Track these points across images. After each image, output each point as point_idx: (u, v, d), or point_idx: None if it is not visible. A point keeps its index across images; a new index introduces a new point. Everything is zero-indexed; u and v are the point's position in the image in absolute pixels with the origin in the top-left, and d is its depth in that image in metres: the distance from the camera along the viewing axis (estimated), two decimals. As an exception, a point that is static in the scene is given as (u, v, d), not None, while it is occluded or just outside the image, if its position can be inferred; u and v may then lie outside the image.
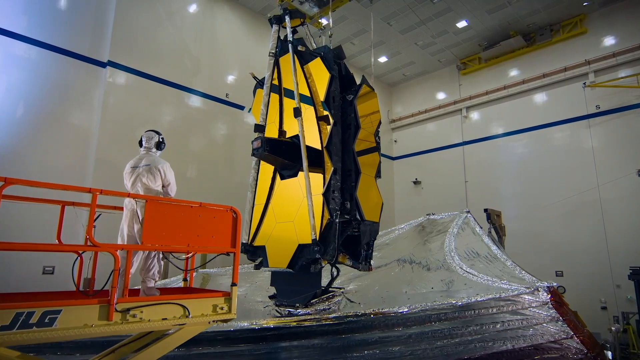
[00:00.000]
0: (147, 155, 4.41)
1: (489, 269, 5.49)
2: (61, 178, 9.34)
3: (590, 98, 13.64)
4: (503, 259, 5.74)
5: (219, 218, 3.27)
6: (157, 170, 4.25)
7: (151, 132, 4.66)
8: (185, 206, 3.25)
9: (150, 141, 4.56)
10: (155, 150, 4.56)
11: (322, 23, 10.12)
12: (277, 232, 6.43)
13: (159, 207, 3.22)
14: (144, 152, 4.48)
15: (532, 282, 4.48)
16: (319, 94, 6.25)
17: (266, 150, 6.05)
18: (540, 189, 14.56)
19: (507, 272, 5.14)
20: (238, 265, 3.40)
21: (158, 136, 4.64)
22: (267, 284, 7.45)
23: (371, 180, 6.45)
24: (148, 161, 4.30)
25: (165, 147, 4.72)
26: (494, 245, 6.59)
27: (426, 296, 4.77)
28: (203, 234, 3.20)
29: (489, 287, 4.49)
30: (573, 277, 13.19)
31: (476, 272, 5.22)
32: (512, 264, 5.38)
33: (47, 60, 9.40)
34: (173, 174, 4.45)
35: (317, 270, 5.80)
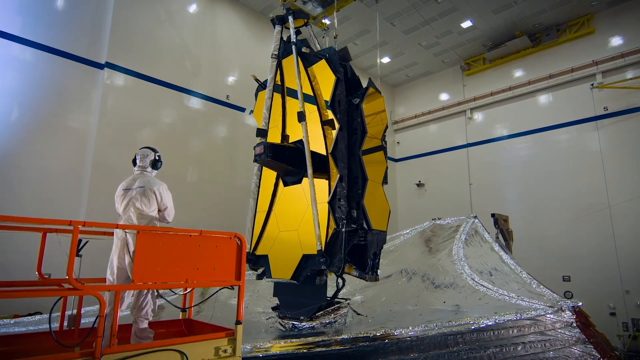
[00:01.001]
0: (141, 176, 4.04)
1: (504, 281, 5.23)
2: (58, 183, 9.12)
3: (598, 99, 13.38)
4: (517, 271, 5.48)
5: (222, 247, 2.95)
6: (152, 193, 3.89)
7: (146, 149, 4.24)
8: (183, 235, 2.94)
9: (145, 159, 4.15)
10: (150, 169, 4.17)
11: (326, 23, 9.86)
12: (281, 241, 6.17)
13: (153, 239, 2.87)
14: (137, 172, 4.10)
15: (554, 300, 4.23)
16: (324, 97, 5.99)
17: (269, 157, 5.79)
18: (546, 192, 14.30)
19: (524, 285, 4.89)
20: (243, 299, 3.08)
21: (154, 154, 4.23)
22: (269, 293, 7.20)
23: (378, 187, 6.20)
24: (142, 182, 3.94)
25: (161, 165, 4.30)
26: (505, 254, 6.33)
27: (439, 313, 4.51)
28: (204, 266, 2.86)
29: (506, 303, 4.23)
30: (581, 282, 12.95)
31: (490, 284, 4.97)
32: (528, 276, 5.13)
33: (43, 62, 9.16)
34: (170, 197, 4.08)
35: (322, 282, 5.54)
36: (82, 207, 9.24)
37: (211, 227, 11.03)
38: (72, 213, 9.16)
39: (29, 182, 8.76)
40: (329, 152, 5.81)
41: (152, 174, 4.19)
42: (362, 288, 6.94)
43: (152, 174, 4.20)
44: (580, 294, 12.73)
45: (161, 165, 4.31)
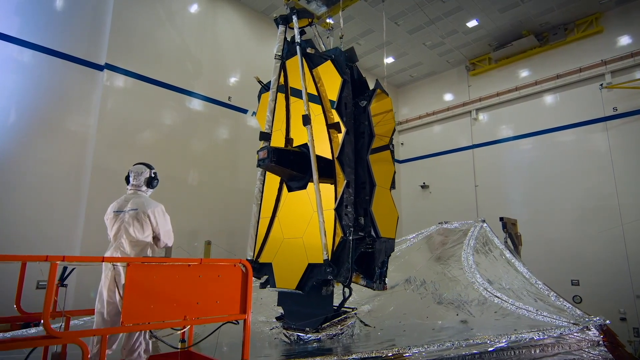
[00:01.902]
0: (134, 196, 3.66)
1: (519, 292, 4.99)
2: (57, 187, 8.93)
3: (607, 100, 13.10)
4: (533, 281, 5.24)
5: (225, 276, 2.67)
6: (145, 217, 3.50)
7: (140, 165, 3.85)
8: (181, 266, 2.62)
9: (139, 177, 3.75)
10: (145, 188, 3.79)
11: (330, 23, 9.64)
12: (285, 249, 5.95)
13: (145, 272, 2.53)
14: (130, 192, 3.75)
15: (578, 316, 3.98)
16: (330, 100, 5.77)
17: (273, 161, 5.56)
18: (553, 194, 14.03)
19: (541, 297, 4.65)
20: (249, 336, 2.81)
21: (149, 171, 3.84)
22: (272, 301, 7.00)
23: (385, 193, 5.98)
24: (135, 204, 3.55)
25: (158, 184, 3.91)
26: (518, 262, 6.09)
27: (452, 329, 4.28)
28: (204, 299, 2.54)
29: (525, 318, 3.99)
30: (590, 287, 12.69)
31: (505, 296, 4.73)
32: (544, 287, 4.89)
33: (41, 64, 8.97)
34: (168, 220, 3.71)
35: (328, 292, 5.32)
36: (81, 211, 9.05)
37: (212, 232, 10.86)
38: (71, 217, 8.97)
39: (27, 186, 8.57)
40: (335, 156, 5.59)
41: (147, 194, 3.81)
42: (369, 296, 6.72)
43: (147, 193, 3.82)
44: (590, 299, 12.48)
45: (157, 183, 3.91)
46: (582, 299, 12.71)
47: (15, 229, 8.27)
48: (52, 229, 8.73)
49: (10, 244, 8.13)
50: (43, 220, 8.66)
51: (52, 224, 8.76)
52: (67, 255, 2.44)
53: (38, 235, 8.52)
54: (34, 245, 8.44)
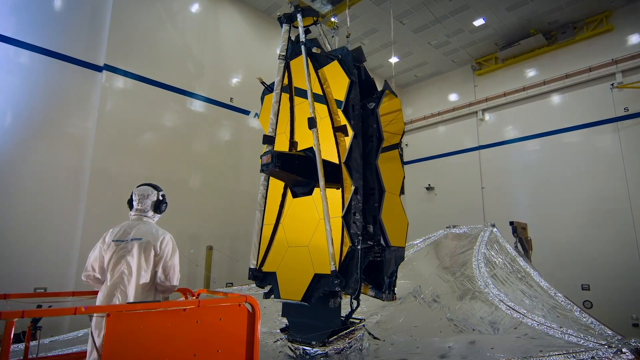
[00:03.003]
0: (140, 223, 3.14)
1: (538, 306, 4.72)
2: (55, 190, 8.71)
3: (618, 100, 12.79)
4: (552, 293, 4.96)
5: (228, 318, 2.27)
6: (151, 249, 2.98)
7: (146, 187, 3.33)
8: (175, 311, 2.20)
9: (145, 201, 3.22)
10: (152, 214, 3.28)
11: (335, 22, 9.36)
12: (290, 257, 5.69)
13: (130, 323, 2.05)
14: (134, 217, 3.20)
15: (610, 338, 3.70)
16: (336, 101, 5.50)
17: (277, 167, 5.28)
18: (562, 196, 13.72)
19: (564, 312, 4.37)
20: None
21: (157, 193, 3.34)
22: (276, 310, 6.76)
23: (395, 199, 5.70)
24: (141, 233, 3.03)
25: (166, 208, 3.43)
26: (534, 271, 5.82)
27: (472, 348, 4.00)
28: (203, 350, 2.11)
29: (550, 337, 3.69)
30: (601, 291, 12.38)
31: (524, 309, 4.46)
32: (565, 300, 4.61)
33: (39, 65, 8.74)
34: (177, 255, 3.14)
35: (336, 305, 5.05)
36: (79, 216, 8.82)
37: (214, 236, 10.61)
38: (70, 222, 8.75)
39: (24, 189, 8.35)
40: (342, 161, 5.33)
41: (154, 220, 3.30)
42: (376, 306, 6.45)
43: (154, 219, 3.31)
44: (601, 304, 12.17)
45: (166, 208, 3.43)
46: (592, 304, 12.41)
47: (13, 234, 8.05)
48: (50, 234, 8.51)
49: (7, 249, 7.93)
50: (41, 224, 8.44)
51: (50, 228, 8.54)
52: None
53: (36, 240, 8.30)
54: (33, 250, 8.22)
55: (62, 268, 8.37)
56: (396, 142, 5.79)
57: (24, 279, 8.02)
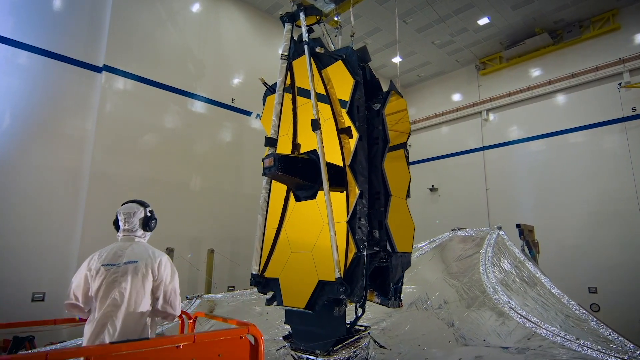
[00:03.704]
0: (132, 244, 2.85)
1: (551, 315, 4.54)
2: (53, 193, 8.57)
3: (625, 99, 12.57)
4: (565, 300, 4.79)
5: (228, 354, 2.04)
6: (149, 273, 2.69)
7: (131, 204, 3.00)
8: (168, 349, 1.95)
9: (131, 219, 2.91)
10: (142, 232, 2.97)
11: (339, 21, 9.19)
12: (293, 263, 5.52)
13: None
14: (123, 238, 2.91)
15: (632, 352, 3.51)
16: (340, 101, 5.34)
17: (280, 170, 5.11)
18: (568, 197, 13.51)
19: (579, 322, 4.19)
20: None
21: (143, 209, 3.00)
22: (278, 316, 6.60)
23: (401, 203, 5.54)
24: (135, 254, 2.75)
25: (156, 225, 3.09)
26: (544, 277, 5.64)
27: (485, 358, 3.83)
28: None
29: (564, 350, 3.52)
30: (608, 294, 12.18)
31: (537, 318, 4.29)
32: (580, 309, 4.43)
33: (37, 65, 8.62)
34: (177, 278, 2.86)
35: (341, 313, 4.89)
36: (79, 219, 8.69)
37: (215, 240, 10.45)
38: (69, 225, 8.61)
39: (23, 192, 8.23)
40: (346, 164, 5.16)
41: (146, 238, 3.02)
42: (381, 312, 6.28)
43: (145, 238, 3.01)
44: (609, 307, 11.96)
45: (156, 224, 3.07)
46: (599, 307, 12.22)
47: (11, 237, 7.93)
48: (48, 238, 8.38)
49: (5, 253, 7.80)
50: (39, 228, 8.31)
51: (49, 232, 8.41)
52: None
53: (34, 244, 8.18)
54: (31, 254, 8.09)
55: (61, 273, 8.23)
56: (402, 142, 5.63)
57: (22, 283, 7.90)
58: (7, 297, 7.65)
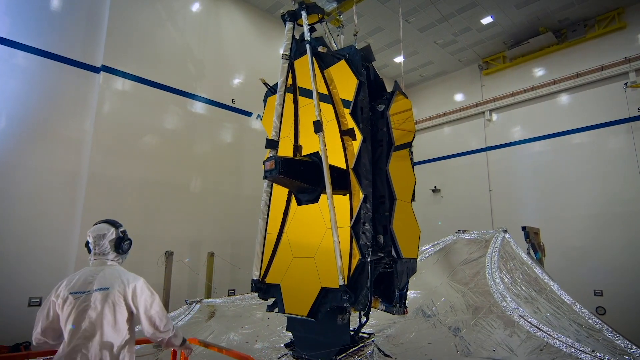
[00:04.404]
0: (104, 268, 2.61)
1: (563, 323, 4.37)
2: (51, 196, 8.43)
3: (632, 99, 12.39)
4: (576, 308, 4.62)
5: None
6: (121, 302, 2.46)
7: (102, 224, 2.75)
8: None
9: (102, 241, 2.67)
10: (114, 255, 2.72)
11: (341, 20, 9.03)
12: (294, 269, 5.36)
13: None
14: (94, 262, 2.67)
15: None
16: (343, 102, 5.18)
17: (281, 173, 4.95)
18: (573, 198, 13.34)
19: (593, 332, 4.03)
20: None
21: (115, 230, 2.75)
22: (279, 322, 6.45)
23: (406, 207, 5.38)
24: (106, 280, 2.50)
25: (130, 246, 2.84)
26: (554, 283, 5.48)
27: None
28: None
29: (581, 362, 3.35)
30: (614, 297, 12.00)
31: (548, 327, 4.12)
32: (592, 317, 4.26)
33: (33, 66, 8.49)
34: (157, 300, 2.61)
35: (344, 321, 4.72)
36: (76, 222, 8.54)
37: (216, 243, 10.30)
38: (67, 228, 8.47)
39: (20, 195, 8.09)
40: (350, 167, 5.00)
41: (121, 262, 2.78)
42: (386, 319, 6.11)
43: (120, 261, 2.77)
44: (614, 310, 11.77)
45: (130, 246, 2.82)
46: (605, 310, 12.03)
47: (7, 241, 7.80)
48: (45, 241, 8.24)
49: (2, 256, 7.67)
50: (36, 231, 8.17)
51: (46, 235, 8.28)
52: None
53: (31, 248, 8.04)
54: (27, 258, 7.95)
55: (58, 277, 7.99)
56: (407, 142, 5.47)
57: (18, 288, 7.76)
58: (4, 301, 7.52)
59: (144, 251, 8.83)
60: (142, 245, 9.03)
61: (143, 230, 9.16)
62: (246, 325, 6.62)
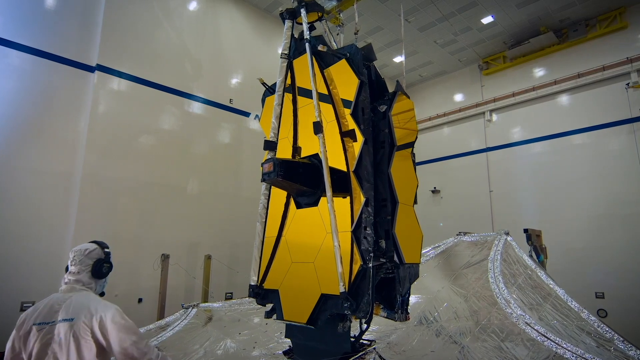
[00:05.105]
0: (72, 295, 2.30)
1: (570, 331, 4.23)
2: (44, 198, 8.26)
3: (633, 100, 12.28)
4: (585, 315, 4.48)
5: None
6: (87, 335, 2.14)
7: (87, 243, 2.52)
8: None
9: (81, 258, 2.39)
10: (88, 280, 2.40)
11: (341, 19, 8.89)
12: (293, 274, 5.21)
13: None
14: (64, 287, 2.37)
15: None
16: (344, 104, 5.02)
17: (280, 175, 4.79)
18: (575, 200, 13.23)
19: (603, 342, 3.89)
20: None
21: (100, 250, 2.49)
22: (277, 328, 6.30)
23: (408, 210, 5.22)
24: (72, 310, 2.20)
25: (110, 271, 2.54)
26: (559, 288, 5.34)
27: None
28: None
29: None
30: (615, 300, 11.90)
31: (557, 336, 3.98)
32: (602, 326, 4.13)
33: (27, 65, 8.34)
34: (133, 328, 2.27)
35: (345, 329, 4.57)
36: (70, 224, 8.37)
37: (213, 244, 10.13)
38: (60, 231, 8.29)
39: (12, 197, 7.92)
40: (350, 169, 4.84)
41: (94, 286, 2.44)
42: (387, 324, 5.97)
43: (94, 286, 2.44)
44: (616, 313, 11.67)
45: (109, 271, 2.52)
46: (607, 312, 11.92)
47: (0, 244, 7.61)
48: (38, 244, 8.07)
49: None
50: (29, 234, 8.00)
51: (39, 238, 8.10)
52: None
53: (24, 251, 7.87)
54: (20, 261, 7.78)
55: (51, 281, 7.90)
56: (410, 141, 5.33)
57: (10, 292, 7.58)
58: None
59: (139, 254, 8.68)
60: (138, 248, 8.87)
61: (138, 233, 9.01)
62: (244, 331, 6.47)
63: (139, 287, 8.56)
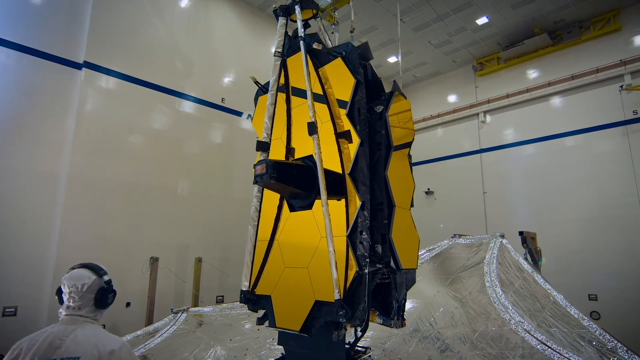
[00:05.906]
0: (76, 329, 2.09)
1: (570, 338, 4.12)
2: (28, 199, 7.98)
3: (627, 102, 12.31)
4: (585, 322, 4.38)
5: None
6: None
7: (81, 270, 2.24)
8: None
9: (80, 293, 2.16)
10: (94, 312, 2.22)
11: (336, 17, 8.73)
12: (286, 280, 5.04)
13: None
14: (65, 319, 2.16)
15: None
16: (339, 104, 4.86)
17: (273, 178, 4.61)
18: (569, 202, 13.24)
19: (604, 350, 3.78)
20: None
21: (98, 278, 2.25)
22: (270, 334, 6.14)
23: (405, 214, 5.08)
24: (77, 346, 2.01)
25: (114, 299, 2.33)
26: (558, 294, 5.24)
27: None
28: None
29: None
30: (609, 302, 11.91)
31: (557, 344, 3.87)
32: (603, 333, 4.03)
33: (11, 61, 8.08)
34: None
35: (340, 338, 4.41)
36: (55, 227, 8.10)
37: (204, 247, 9.90)
38: (45, 234, 8.02)
39: (-5, 198, 7.61)
40: (346, 172, 4.69)
41: (95, 318, 2.23)
42: (382, 330, 5.82)
43: (98, 317, 2.25)
44: (609, 315, 11.67)
45: (114, 298, 2.32)
46: (600, 315, 11.92)
47: None
48: (22, 246, 7.80)
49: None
50: (12, 236, 7.73)
51: (23, 241, 7.82)
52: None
53: (7, 254, 7.60)
54: (2, 264, 7.49)
55: (35, 285, 7.66)
56: (407, 142, 5.19)
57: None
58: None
59: (127, 257, 8.44)
60: (126, 250, 8.64)
61: (127, 235, 8.76)
62: (235, 337, 6.28)
63: (126, 291, 8.30)
